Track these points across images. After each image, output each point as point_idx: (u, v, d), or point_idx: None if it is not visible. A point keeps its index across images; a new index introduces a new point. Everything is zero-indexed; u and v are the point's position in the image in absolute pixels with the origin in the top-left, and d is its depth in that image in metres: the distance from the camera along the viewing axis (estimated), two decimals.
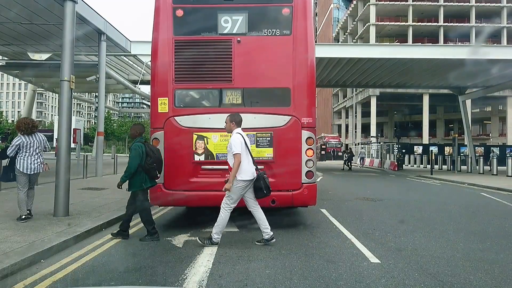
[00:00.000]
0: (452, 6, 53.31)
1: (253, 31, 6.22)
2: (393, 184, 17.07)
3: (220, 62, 6.19)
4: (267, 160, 6.01)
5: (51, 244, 4.71)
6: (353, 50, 25.28)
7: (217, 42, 6.27)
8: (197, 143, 6.03)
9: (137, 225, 6.34)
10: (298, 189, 5.98)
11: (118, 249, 4.97)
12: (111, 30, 15.11)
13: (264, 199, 5.37)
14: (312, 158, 6.02)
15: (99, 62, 14.95)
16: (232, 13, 6.22)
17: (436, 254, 4.87)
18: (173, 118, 6.04)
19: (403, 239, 5.66)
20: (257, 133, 6.03)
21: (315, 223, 6.83)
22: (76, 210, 7.02)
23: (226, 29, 6.19)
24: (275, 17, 6.29)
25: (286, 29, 6.18)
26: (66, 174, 6.48)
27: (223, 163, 5.68)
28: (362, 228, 6.42)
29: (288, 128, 6.03)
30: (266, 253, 4.77)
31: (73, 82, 6.50)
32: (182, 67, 6.18)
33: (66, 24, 6.48)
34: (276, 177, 5.83)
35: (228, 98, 6.24)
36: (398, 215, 8.04)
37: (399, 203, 10.06)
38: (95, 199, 8.63)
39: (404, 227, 6.65)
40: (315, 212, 7.92)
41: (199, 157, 6.03)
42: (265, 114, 6.11)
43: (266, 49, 6.25)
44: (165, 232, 5.85)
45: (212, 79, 6.21)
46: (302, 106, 6.08)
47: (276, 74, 6.21)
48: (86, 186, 11.05)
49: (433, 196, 12.48)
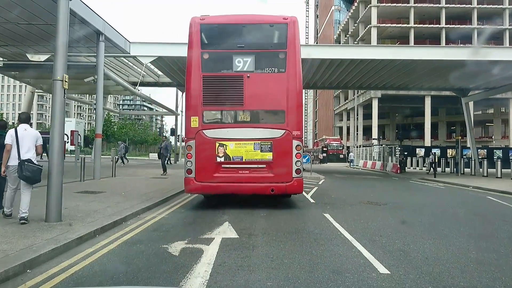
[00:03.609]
0: (454, 8, 53.03)
1: (258, 69, 8.50)
2: (397, 187, 16.76)
3: (235, 91, 8.41)
4: (268, 161, 8.25)
5: (39, 252, 4.42)
6: (355, 51, 25.01)
7: (232, 77, 8.52)
8: (219, 149, 8.25)
9: (133, 231, 6.07)
10: (290, 181, 8.20)
11: (111, 258, 4.68)
12: (110, 30, 14.87)
13: (264, 188, 8.16)
14: (300, 159, 8.30)
15: (98, 63, 14.71)
16: (243, 56, 8.47)
17: (448, 263, 4.57)
18: (201, 131, 8.28)
19: (412, 246, 5.36)
20: (261, 142, 8.26)
21: (318, 228, 6.54)
22: (69, 215, 6.75)
23: (239, 67, 8.47)
24: (274, 59, 8.55)
25: (282, 68, 8.47)
26: (59, 178, 6.20)
27: (237, 163, 8.24)
28: (368, 234, 6.12)
29: (283, 139, 8.25)
30: (267, 262, 4.48)
31: (66, 81, 6.23)
32: (208, 94, 8.38)
33: (59, 20, 6.21)
34: (274, 173, 8.21)
35: (240, 117, 8.47)
36: (405, 220, 7.74)
37: (404, 207, 9.76)
38: (91, 203, 8.35)
39: (412, 232, 6.34)
40: (319, 217, 7.63)
41: (220, 159, 8.26)
42: (267, 128, 8.36)
43: (267, 82, 8.47)
44: (161, 239, 5.57)
45: (229, 103, 8.52)
46: (293, 123, 8.33)
47: (274, 100, 8.44)
48: (83, 190, 10.77)
49: (438, 200, 12.17)
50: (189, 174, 8.22)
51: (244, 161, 8.23)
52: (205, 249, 4.95)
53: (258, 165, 8.25)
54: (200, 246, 5.12)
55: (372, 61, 22.72)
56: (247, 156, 8.23)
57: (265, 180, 8.18)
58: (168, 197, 10.07)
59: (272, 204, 9.24)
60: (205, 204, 9.50)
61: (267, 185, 8.17)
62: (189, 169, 8.21)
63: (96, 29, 13.71)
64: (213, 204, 9.32)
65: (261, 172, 8.25)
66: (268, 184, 8.17)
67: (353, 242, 5.43)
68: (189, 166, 8.22)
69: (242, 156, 8.24)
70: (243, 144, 8.26)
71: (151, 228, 6.45)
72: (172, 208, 8.72)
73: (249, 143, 8.25)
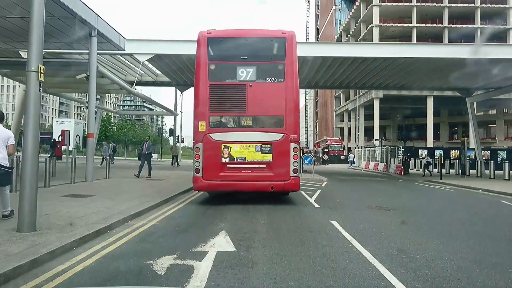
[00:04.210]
0: (457, 7, 52.40)
1: (260, 79, 9.24)
2: (404, 190, 16.00)
3: (238, 98, 9.19)
4: (268, 161, 9.05)
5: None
6: (357, 49, 24.21)
7: (236, 86, 9.27)
8: (224, 150, 9.04)
9: (116, 242, 5.34)
10: (288, 180, 8.98)
11: (84, 278, 3.94)
12: (103, 25, 14.13)
13: (265, 186, 8.95)
14: (296, 160, 9.07)
15: (90, 59, 13.98)
16: (246, 67, 9.25)
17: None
18: (208, 135, 9.06)
19: (438, 263, 4.60)
20: (262, 144, 9.06)
21: (326, 239, 5.79)
22: (48, 223, 6.01)
23: (242, 77, 9.24)
24: (273, 70, 9.28)
25: (281, 78, 9.20)
26: (33, 182, 5.46)
27: (240, 163, 9.03)
28: (383, 247, 5.38)
29: (282, 141, 9.03)
30: (269, 284, 3.76)
31: (42, 73, 5.50)
32: (215, 101, 9.17)
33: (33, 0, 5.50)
34: (274, 172, 9.00)
35: (243, 122, 9.30)
36: (420, 228, 7.01)
37: (416, 212, 9.03)
38: (76, 209, 7.61)
39: (432, 245, 5.59)
40: (325, 225, 6.89)
41: (225, 160, 9.04)
42: (267, 132, 9.16)
43: (267, 90, 9.23)
44: (147, 253, 4.83)
45: (233, 110, 9.34)
46: (290, 127, 9.13)
47: (274, 106, 9.21)
48: (71, 193, 10.04)
49: (451, 205, 11.43)
50: (197, 173, 9.01)
51: (247, 161, 9.03)
52: (196, 267, 4.22)
53: (259, 165, 9.04)
54: (190, 263, 4.39)
55: (375, 59, 22.01)
56: (249, 157, 9.03)
57: (265, 178, 8.96)
58: (162, 201, 9.35)
59: (273, 210, 8.53)
60: (202, 209, 8.79)
61: (268, 183, 8.96)
62: (197, 169, 8.99)
63: (87, 23, 12.98)
64: (210, 210, 8.60)
65: (262, 172, 9.02)
66: (268, 182, 8.96)
67: (369, 258, 4.68)
68: (197, 166, 9.00)
69: (245, 157, 9.04)
70: (246, 146, 9.07)
71: (138, 238, 5.72)
72: (165, 213, 8.00)
73: (251, 146, 9.05)
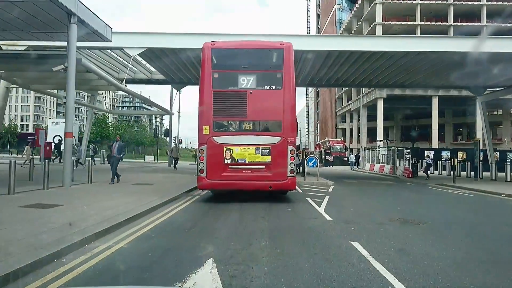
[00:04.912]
0: (462, 5, 50.95)
1: (260, 86, 9.88)
2: (421, 195, 14.35)
3: (240, 104, 9.83)
4: (267, 162, 9.65)
5: None
6: (363, 42, 22.63)
7: (238, 93, 9.93)
8: (226, 152, 9.67)
9: (59, 278, 3.75)
10: (285, 180, 9.63)
11: None
12: (84, 11, 12.55)
13: (264, 185, 9.64)
14: (293, 162, 9.77)
15: (69, 48, 12.32)
16: (247, 76, 9.89)
17: None
18: (212, 138, 9.71)
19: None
20: (261, 147, 9.68)
21: (355, 275, 4.16)
22: None
23: (243, 85, 9.88)
24: (272, 78, 9.94)
25: (279, 85, 9.86)
26: None
27: (241, 164, 9.67)
28: (429, 284, 3.80)
29: (280, 144, 9.67)
30: None
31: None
32: (218, 107, 9.82)
33: None
34: (272, 172, 9.61)
35: (244, 126, 9.95)
36: (467, 251, 5.41)
37: (450, 227, 7.43)
38: (25, 225, 6.00)
39: (491, 276, 4.01)
40: (346, 249, 5.25)
41: (227, 161, 9.66)
42: (266, 135, 9.80)
43: (267, 97, 9.91)
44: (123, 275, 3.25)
45: (235, 115, 10.00)
46: (288, 131, 9.79)
47: (272, 112, 9.89)
48: (35, 202, 8.44)
49: (482, 216, 9.80)
50: (202, 173, 9.71)
51: (247, 162, 9.67)
52: None
53: (259, 166, 9.67)
54: None
55: (381, 56, 20.49)
56: (249, 159, 9.68)
57: (264, 178, 9.60)
58: (144, 212, 7.79)
59: (277, 224, 6.94)
60: (189, 223, 7.21)
61: (266, 183, 9.61)
62: (202, 169, 9.71)
63: (64, 7, 11.43)
64: (199, 224, 7.03)
65: (261, 172, 9.67)
66: (267, 182, 9.60)
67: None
68: (202, 167, 9.71)
69: (246, 159, 9.69)
70: (246, 148, 9.71)
71: (91, 273, 4.11)
72: (141, 229, 6.42)
73: (251, 148, 9.68)
